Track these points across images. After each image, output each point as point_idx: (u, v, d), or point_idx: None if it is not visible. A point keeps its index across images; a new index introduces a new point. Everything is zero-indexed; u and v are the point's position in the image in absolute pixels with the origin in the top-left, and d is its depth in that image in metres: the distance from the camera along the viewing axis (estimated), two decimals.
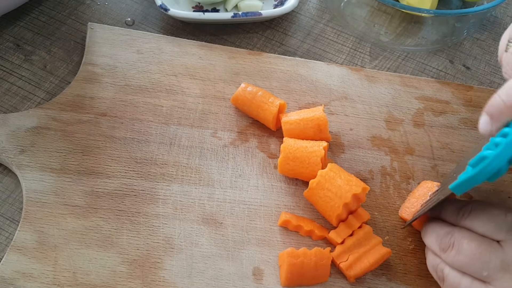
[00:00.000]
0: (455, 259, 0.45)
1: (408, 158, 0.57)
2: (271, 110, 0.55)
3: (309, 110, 0.55)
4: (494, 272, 0.43)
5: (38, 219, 0.49)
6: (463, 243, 0.44)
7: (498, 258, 0.43)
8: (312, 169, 0.52)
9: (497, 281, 0.43)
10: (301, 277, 0.48)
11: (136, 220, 0.50)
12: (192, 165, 0.54)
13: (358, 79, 0.62)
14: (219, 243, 0.50)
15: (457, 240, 0.45)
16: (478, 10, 0.61)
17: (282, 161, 0.52)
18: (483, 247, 0.44)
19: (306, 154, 0.52)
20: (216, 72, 0.61)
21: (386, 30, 0.68)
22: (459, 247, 0.45)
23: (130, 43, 0.61)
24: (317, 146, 0.52)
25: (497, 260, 0.43)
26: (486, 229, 0.44)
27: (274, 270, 0.50)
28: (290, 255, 0.48)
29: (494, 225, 0.44)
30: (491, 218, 0.45)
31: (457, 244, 0.45)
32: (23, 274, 0.46)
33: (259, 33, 0.67)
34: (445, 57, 0.68)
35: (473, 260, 0.44)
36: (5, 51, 0.61)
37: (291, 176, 0.54)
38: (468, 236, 0.45)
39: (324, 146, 0.52)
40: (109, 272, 0.48)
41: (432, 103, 0.61)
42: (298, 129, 0.54)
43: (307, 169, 0.52)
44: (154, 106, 0.57)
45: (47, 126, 0.54)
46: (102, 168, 0.53)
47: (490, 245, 0.44)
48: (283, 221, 0.51)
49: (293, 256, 0.48)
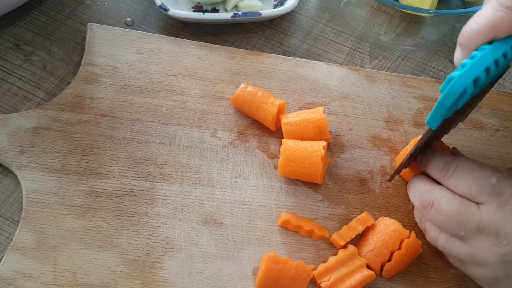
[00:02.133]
0: (434, 218, 0.47)
1: None
2: (271, 111, 0.55)
3: (309, 111, 0.55)
4: (470, 233, 0.45)
5: (38, 220, 0.49)
6: (442, 203, 0.46)
7: (475, 220, 0.44)
8: (313, 168, 0.52)
9: (472, 240, 0.45)
10: (275, 285, 0.47)
11: (136, 220, 0.50)
12: (192, 165, 0.54)
13: (357, 79, 0.62)
14: (219, 243, 0.50)
15: (437, 199, 0.47)
16: (478, 10, 0.61)
17: (283, 163, 0.52)
18: (461, 209, 0.45)
19: (307, 154, 0.52)
20: (216, 72, 0.61)
21: (386, 30, 0.68)
22: (438, 206, 0.46)
23: (130, 43, 0.61)
24: (317, 145, 0.52)
25: (474, 222, 0.44)
26: (468, 192, 0.46)
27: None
28: (271, 260, 0.47)
29: (477, 188, 0.45)
30: (475, 181, 0.46)
31: (436, 203, 0.46)
32: (23, 274, 0.46)
33: (259, 33, 0.67)
34: (445, 57, 0.68)
35: (451, 221, 0.45)
36: (5, 51, 0.61)
37: (292, 177, 0.54)
38: (447, 196, 0.46)
39: (323, 145, 0.52)
40: (109, 272, 0.48)
41: (432, 103, 0.61)
42: (298, 130, 0.54)
43: (308, 169, 0.52)
44: (154, 106, 0.57)
45: (47, 126, 0.54)
46: (102, 168, 0.53)
47: (469, 208, 0.45)
48: (283, 221, 0.51)
49: (273, 262, 0.47)
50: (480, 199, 0.45)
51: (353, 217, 0.53)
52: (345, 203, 0.54)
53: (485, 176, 0.46)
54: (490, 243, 0.44)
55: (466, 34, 0.42)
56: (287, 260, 0.48)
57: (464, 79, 0.40)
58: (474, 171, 0.46)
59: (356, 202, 0.54)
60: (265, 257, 0.48)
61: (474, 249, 0.45)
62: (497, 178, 0.45)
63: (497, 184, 0.45)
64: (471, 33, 0.41)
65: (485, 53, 0.40)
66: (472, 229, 0.44)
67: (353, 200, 0.54)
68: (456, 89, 0.40)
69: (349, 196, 0.55)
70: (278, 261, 0.47)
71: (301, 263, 0.48)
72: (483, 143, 0.59)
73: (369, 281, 0.49)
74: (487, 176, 0.46)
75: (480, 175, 0.46)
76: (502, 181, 0.45)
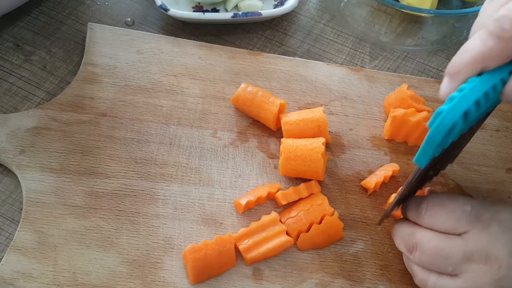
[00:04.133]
0: (420, 260, 0.46)
1: (408, 158, 0.57)
2: (272, 110, 0.55)
3: (309, 111, 0.55)
4: (459, 266, 0.43)
5: (38, 219, 0.49)
6: (424, 243, 0.45)
7: (459, 251, 0.43)
8: (315, 165, 0.52)
9: (462, 273, 0.44)
10: (209, 269, 0.48)
11: (136, 220, 0.50)
12: (192, 165, 0.54)
13: (358, 79, 0.62)
14: None
15: (419, 240, 0.45)
16: (478, 10, 0.61)
17: (284, 162, 0.52)
18: (442, 244, 0.44)
19: (307, 152, 0.52)
20: (216, 72, 0.61)
21: (386, 30, 0.68)
22: (421, 247, 0.45)
23: (130, 43, 0.61)
24: (316, 142, 0.52)
25: (459, 253, 0.43)
26: (446, 227, 0.45)
27: (274, 269, 0.49)
28: (192, 251, 0.47)
29: (453, 221, 0.44)
30: (449, 214, 0.45)
31: (419, 244, 0.45)
32: (23, 274, 0.46)
33: (259, 33, 0.67)
34: (445, 57, 0.68)
35: (436, 259, 0.44)
36: (5, 51, 0.61)
37: (293, 176, 0.54)
38: (427, 236, 0.45)
39: (322, 141, 0.52)
40: (109, 272, 0.48)
41: (432, 103, 0.61)
42: (298, 129, 0.54)
43: (310, 167, 0.52)
44: (154, 106, 0.57)
45: (47, 126, 0.54)
46: (102, 168, 0.53)
47: (451, 240, 0.44)
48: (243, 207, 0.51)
49: (195, 251, 0.47)
50: (460, 229, 0.44)
51: (353, 217, 0.53)
52: (345, 203, 0.54)
53: (457, 206, 0.45)
54: (482, 271, 0.43)
55: (454, 65, 0.40)
56: (205, 242, 0.48)
57: (454, 113, 0.38)
58: (446, 205, 0.45)
59: (356, 202, 0.54)
60: (185, 253, 0.48)
61: (466, 282, 0.43)
62: (471, 205, 0.45)
63: (472, 210, 0.44)
64: (459, 64, 0.40)
65: (474, 86, 0.38)
66: (459, 261, 0.43)
67: (353, 200, 0.54)
68: (445, 123, 0.38)
69: (349, 196, 0.55)
70: (199, 248, 0.47)
71: (220, 237, 0.48)
72: (483, 143, 0.59)
73: (286, 247, 0.50)
74: (459, 206, 0.45)
75: (453, 207, 0.45)
76: (477, 207, 0.45)
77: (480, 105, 0.38)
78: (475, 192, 0.56)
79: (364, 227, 0.53)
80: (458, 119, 0.38)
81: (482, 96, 0.38)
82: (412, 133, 0.56)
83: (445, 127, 0.38)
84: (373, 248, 0.52)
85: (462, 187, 0.57)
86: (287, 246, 0.50)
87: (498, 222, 0.44)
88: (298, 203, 0.52)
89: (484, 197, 0.56)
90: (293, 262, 0.50)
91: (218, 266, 0.48)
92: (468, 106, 0.38)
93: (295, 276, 0.49)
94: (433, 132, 0.38)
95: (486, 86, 0.38)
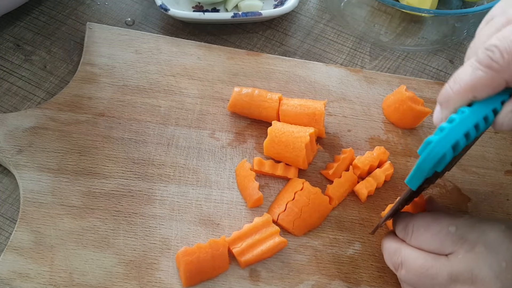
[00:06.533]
0: (406, 278, 0.45)
1: (406, 159, 0.57)
2: (273, 106, 0.55)
3: (311, 100, 0.56)
4: (445, 286, 0.43)
5: (35, 219, 0.49)
6: (409, 262, 0.45)
7: (445, 272, 0.43)
8: (296, 154, 0.52)
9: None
10: (201, 273, 0.48)
11: (133, 220, 0.51)
12: (189, 166, 0.54)
13: (356, 80, 0.62)
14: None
15: (404, 259, 0.45)
16: (478, 10, 0.61)
17: (268, 144, 0.53)
18: (428, 264, 0.44)
19: (292, 139, 0.52)
20: (215, 73, 0.61)
21: (386, 30, 0.68)
22: (407, 266, 0.45)
23: (128, 43, 0.61)
24: (303, 132, 0.52)
25: (444, 274, 0.43)
26: (432, 248, 0.44)
27: (271, 271, 0.49)
28: (185, 254, 0.47)
29: (438, 242, 0.44)
30: (434, 236, 0.44)
31: (405, 263, 0.45)
32: (20, 274, 0.47)
33: (259, 33, 0.67)
34: (445, 57, 0.67)
35: (421, 278, 0.44)
36: (5, 51, 0.62)
37: (276, 158, 0.54)
38: (413, 254, 0.45)
39: (310, 132, 0.52)
40: (106, 272, 0.48)
41: (431, 105, 0.61)
42: (293, 112, 0.55)
43: (292, 154, 0.52)
44: (152, 107, 0.57)
45: (45, 126, 0.55)
46: (99, 168, 0.53)
47: (437, 261, 0.44)
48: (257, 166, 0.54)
49: (188, 254, 0.47)
50: (446, 250, 0.44)
51: (350, 219, 0.53)
52: (342, 205, 0.54)
53: (442, 228, 0.45)
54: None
55: (445, 93, 0.40)
56: (198, 245, 0.48)
57: (443, 144, 0.38)
58: (431, 226, 0.45)
59: (354, 204, 0.54)
60: (178, 256, 0.48)
61: None
62: (456, 226, 0.44)
63: (457, 231, 0.44)
64: (450, 93, 0.40)
65: (464, 117, 0.38)
66: (444, 281, 0.43)
67: (350, 202, 0.54)
68: (434, 154, 0.38)
69: (347, 198, 0.54)
70: (192, 251, 0.47)
71: (213, 240, 0.48)
72: (482, 145, 0.59)
73: (280, 248, 0.50)
74: (444, 227, 0.45)
75: (438, 228, 0.45)
76: (462, 227, 0.44)
77: (470, 136, 0.38)
78: (473, 194, 0.56)
79: (361, 229, 0.53)
80: (447, 150, 0.38)
81: (472, 128, 0.38)
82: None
83: (434, 158, 0.38)
84: (370, 250, 0.52)
85: (460, 189, 0.56)
86: (280, 248, 0.50)
87: (484, 243, 0.43)
88: (280, 195, 0.53)
89: (482, 199, 0.56)
90: (290, 264, 0.50)
91: (211, 270, 0.48)
92: (457, 138, 0.38)
93: (292, 277, 0.49)
94: (423, 161, 0.39)
95: (476, 118, 0.38)
